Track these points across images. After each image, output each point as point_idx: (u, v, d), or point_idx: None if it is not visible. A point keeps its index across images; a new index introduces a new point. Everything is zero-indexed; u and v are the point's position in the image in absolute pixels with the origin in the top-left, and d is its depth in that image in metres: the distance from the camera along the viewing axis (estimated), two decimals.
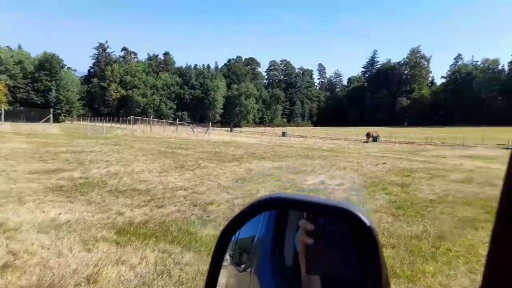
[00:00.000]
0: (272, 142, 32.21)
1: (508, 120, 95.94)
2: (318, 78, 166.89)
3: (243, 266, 0.69)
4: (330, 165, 13.02)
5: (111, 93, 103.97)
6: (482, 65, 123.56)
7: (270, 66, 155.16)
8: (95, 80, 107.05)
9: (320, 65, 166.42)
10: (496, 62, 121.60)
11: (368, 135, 42.91)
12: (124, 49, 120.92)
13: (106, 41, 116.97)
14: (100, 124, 66.10)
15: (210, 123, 36.66)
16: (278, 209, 0.64)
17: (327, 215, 0.58)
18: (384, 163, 14.64)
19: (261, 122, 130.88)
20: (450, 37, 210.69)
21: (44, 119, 27.79)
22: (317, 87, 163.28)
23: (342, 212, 0.56)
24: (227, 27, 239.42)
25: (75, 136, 23.79)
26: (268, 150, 18.99)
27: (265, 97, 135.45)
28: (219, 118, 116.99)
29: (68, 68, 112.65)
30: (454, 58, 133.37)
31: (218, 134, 42.17)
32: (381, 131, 76.40)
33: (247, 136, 44.97)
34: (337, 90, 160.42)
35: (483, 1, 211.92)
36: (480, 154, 22.84)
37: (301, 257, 0.58)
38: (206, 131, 33.63)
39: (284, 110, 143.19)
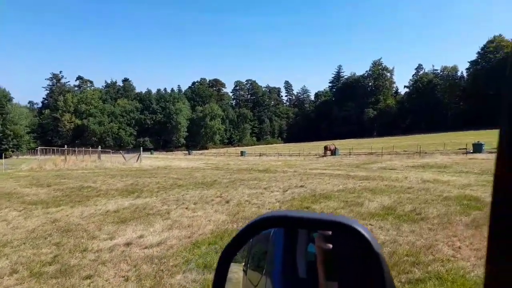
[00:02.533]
0: (210, 164, 28.08)
1: (472, 123, 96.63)
2: (286, 95, 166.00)
3: (259, 275, 0.67)
4: (213, 198, 9.06)
5: (65, 124, 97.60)
6: (441, 73, 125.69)
7: (236, 86, 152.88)
8: (46, 111, 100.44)
9: (287, 82, 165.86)
10: (454, 69, 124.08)
11: (325, 148, 39.70)
12: (79, 77, 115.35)
13: (60, 72, 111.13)
14: (43, 156, 60.01)
15: (142, 148, 32.25)
16: (278, 227, 0.62)
17: (332, 230, 0.57)
18: (301, 186, 10.92)
19: (229, 143, 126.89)
20: (411, 49, 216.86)
21: None
22: (286, 104, 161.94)
23: (344, 227, 0.54)
24: (189, 50, 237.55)
25: None
26: (172, 178, 14.90)
27: (232, 117, 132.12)
28: (184, 142, 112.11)
29: (28, 101, 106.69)
30: (415, 68, 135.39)
31: (160, 160, 37.73)
32: (350, 143, 74.26)
33: (194, 160, 40.66)
34: (305, 105, 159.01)
35: (436, 14, 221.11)
36: (436, 162, 19.68)
37: (319, 264, 0.57)
38: (138, 158, 29.21)
39: (253, 129, 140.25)
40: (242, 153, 52.72)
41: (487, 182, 11.39)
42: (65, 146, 39.09)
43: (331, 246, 0.56)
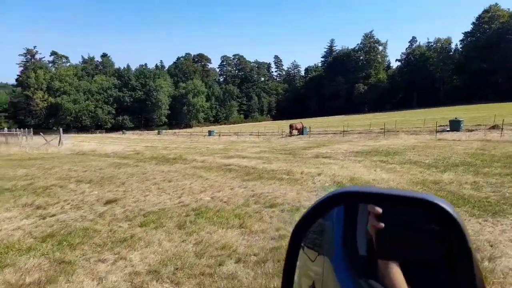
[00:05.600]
0: (144, 148, 24.22)
1: (464, 98, 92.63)
2: (276, 71, 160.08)
3: (316, 253, 0.68)
4: None
5: (37, 102, 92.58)
6: (435, 45, 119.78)
7: (222, 61, 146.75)
8: (18, 89, 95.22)
9: (276, 57, 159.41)
10: (448, 41, 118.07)
11: (291, 127, 35.85)
12: (53, 53, 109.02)
13: (35, 47, 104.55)
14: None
15: (61, 129, 28.27)
16: (351, 203, 0.62)
17: (408, 207, 0.56)
18: (111, 201, 7.19)
19: (216, 121, 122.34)
20: (407, 21, 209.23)
21: None
22: (276, 80, 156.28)
23: (424, 203, 0.53)
24: (175, 24, 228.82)
25: None
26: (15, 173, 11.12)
27: (218, 94, 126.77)
28: (166, 120, 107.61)
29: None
30: (409, 41, 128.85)
31: (105, 142, 33.84)
32: (337, 120, 70.54)
33: (148, 141, 36.81)
34: (295, 81, 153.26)
35: None
36: (390, 145, 15.90)
37: (375, 242, 0.57)
38: (59, 141, 25.10)
39: (241, 105, 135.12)
40: (210, 133, 48.88)
41: (422, 184, 7.65)
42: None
43: (383, 225, 0.56)
